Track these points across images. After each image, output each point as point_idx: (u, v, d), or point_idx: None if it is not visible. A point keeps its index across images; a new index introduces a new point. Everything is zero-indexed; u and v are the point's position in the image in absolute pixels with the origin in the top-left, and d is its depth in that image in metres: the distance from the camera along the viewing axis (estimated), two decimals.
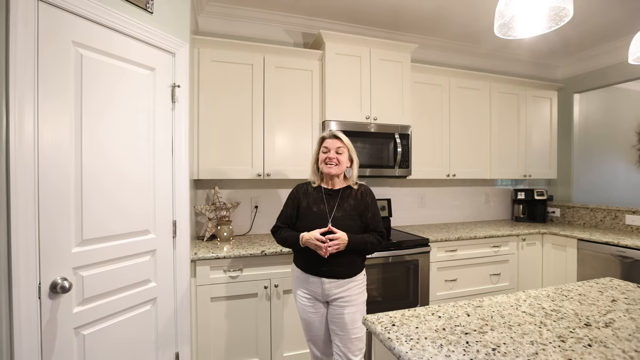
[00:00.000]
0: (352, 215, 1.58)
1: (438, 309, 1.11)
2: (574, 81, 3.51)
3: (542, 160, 3.31)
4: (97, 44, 1.39)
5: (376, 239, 1.59)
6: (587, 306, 1.12)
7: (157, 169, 1.66)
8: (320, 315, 1.60)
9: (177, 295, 1.77)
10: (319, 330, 1.62)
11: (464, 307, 1.11)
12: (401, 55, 2.62)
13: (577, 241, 2.61)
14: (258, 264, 2.05)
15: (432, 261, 2.46)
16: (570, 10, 0.83)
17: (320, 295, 1.57)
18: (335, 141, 1.61)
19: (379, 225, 1.62)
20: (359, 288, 1.59)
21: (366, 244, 1.55)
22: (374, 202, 1.64)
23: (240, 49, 2.27)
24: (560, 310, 1.09)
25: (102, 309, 1.42)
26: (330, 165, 1.59)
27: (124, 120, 1.51)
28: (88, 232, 1.36)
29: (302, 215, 1.64)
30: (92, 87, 1.37)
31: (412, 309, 1.09)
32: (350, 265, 1.56)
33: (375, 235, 1.60)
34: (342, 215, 1.58)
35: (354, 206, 1.60)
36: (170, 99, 1.73)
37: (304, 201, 1.65)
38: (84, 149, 1.34)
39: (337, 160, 1.60)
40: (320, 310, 1.60)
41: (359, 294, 1.58)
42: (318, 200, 1.63)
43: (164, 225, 1.71)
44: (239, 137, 2.29)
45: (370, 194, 1.65)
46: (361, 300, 1.59)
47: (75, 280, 1.32)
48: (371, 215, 1.61)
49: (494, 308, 1.11)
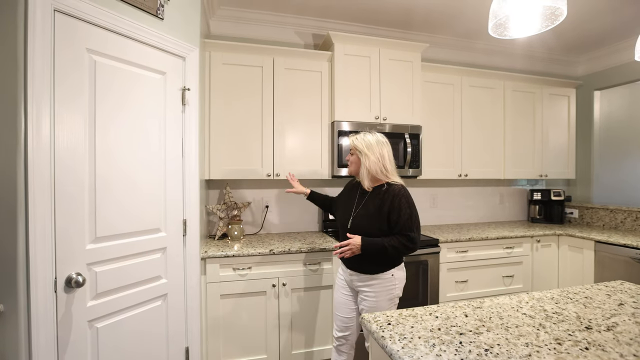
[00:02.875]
0: (373, 215, 1.58)
1: (436, 309, 1.11)
2: (594, 78, 3.39)
3: (560, 160, 3.21)
4: (110, 50, 1.45)
5: (399, 243, 1.51)
6: (591, 309, 1.10)
7: (168, 169, 1.73)
8: (348, 298, 1.73)
9: (187, 292, 1.83)
10: (341, 310, 1.75)
11: (462, 308, 1.11)
12: (411, 55, 2.60)
13: (595, 243, 2.52)
14: (267, 263, 2.09)
15: (442, 262, 2.43)
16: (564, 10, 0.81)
17: (348, 282, 1.71)
18: (350, 144, 1.72)
19: (405, 228, 1.52)
20: (383, 287, 1.59)
21: (385, 248, 1.51)
22: (403, 204, 1.54)
23: (250, 51, 2.32)
24: (562, 313, 1.07)
25: (115, 304, 1.49)
26: (350, 168, 1.75)
27: (136, 123, 1.57)
28: (101, 229, 1.43)
29: (336, 205, 1.93)
30: (105, 92, 1.44)
31: (410, 309, 1.10)
32: (372, 263, 1.60)
33: (400, 238, 1.52)
34: (362, 215, 1.63)
35: (378, 206, 1.57)
36: (180, 102, 1.79)
37: (344, 194, 1.87)
38: (97, 150, 1.41)
39: (350, 161, 1.73)
40: (349, 294, 1.73)
41: (383, 292, 1.59)
42: (352, 197, 1.76)
43: (175, 224, 1.77)
44: (249, 138, 2.34)
45: (400, 195, 1.55)
46: (384, 298, 1.60)
47: (89, 275, 1.39)
48: (396, 217, 1.53)
49: (494, 309, 1.10)
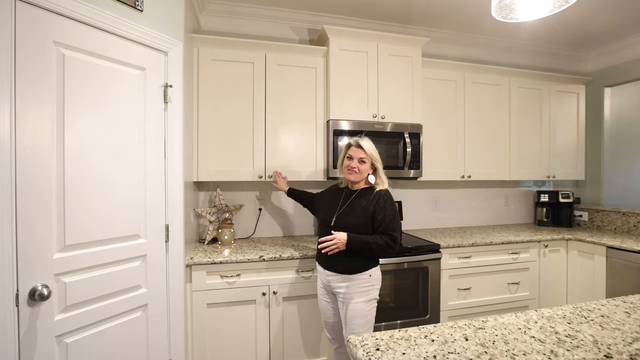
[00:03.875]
0: (359, 214, 1.61)
1: (433, 330, 0.98)
2: (604, 74, 3.23)
3: (568, 160, 3.06)
4: (82, 43, 1.35)
5: (384, 241, 1.56)
6: (609, 331, 0.97)
7: (148, 171, 1.62)
8: (330, 303, 1.72)
9: (170, 301, 1.72)
10: (328, 317, 1.74)
11: (463, 329, 0.98)
12: (411, 50, 2.47)
13: (606, 249, 2.38)
14: (256, 270, 1.98)
15: (443, 268, 2.30)
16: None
17: (327, 286, 1.69)
18: (360, 151, 1.65)
19: (389, 228, 1.58)
20: (360, 287, 1.59)
21: (369, 244, 1.55)
22: (388, 205, 1.60)
23: (240, 47, 2.21)
24: (576, 336, 0.94)
25: (88, 316, 1.39)
26: (351, 173, 1.67)
27: (112, 121, 1.46)
28: (71, 237, 1.32)
29: (319, 202, 1.94)
30: (76, 88, 1.33)
31: (404, 330, 0.97)
32: (350, 262, 1.60)
33: (384, 237, 1.57)
34: (346, 213, 1.63)
35: (365, 206, 1.62)
36: (162, 100, 1.68)
37: (326, 197, 1.86)
38: (67, 150, 1.30)
39: (359, 169, 1.66)
40: (328, 300, 1.72)
41: (360, 293, 1.59)
42: (336, 197, 1.76)
43: (156, 230, 1.66)
44: (240, 137, 2.22)
45: (385, 197, 1.62)
46: (362, 299, 1.59)
47: (57, 287, 1.29)
48: (381, 217, 1.58)
49: (498, 331, 0.97)
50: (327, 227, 1.68)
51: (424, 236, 2.58)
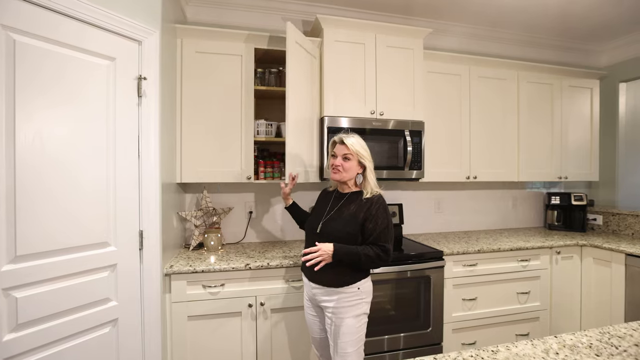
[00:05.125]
0: (347, 220, 1.45)
1: None
2: (620, 68, 3.03)
3: (581, 160, 2.87)
4: (37, 29, 1.20)
5: (374, 253, 1.39)
6: None
7: (118, 172, 1.47)
8: (316, 317, 1.56)
9: (145, 315, 1.57)
10: (315, 332, 1.58)
11: None
12: (412, 41, 2.30)
13: (625, 256, 2.18)
14: (242, 279, 1.82)
15: (446, 277, 2.12)
16: None
17: (312, 298, 1.53)
18: (343, 147, 1.49)
19: (381, 238, 1.41)
20: (349, 301, 1.42)
21: (359, 255, 1.38)
22: (381, 213, 1.43)
23: (227, 38, 2.05)
24: None
25: (45, 335, 1.24)
26: (335, 172, 1.51)
27: (75, 116, 1.32)
28: (23, 247, 1.17)
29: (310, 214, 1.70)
30: (31, 78, 1.19)
31: None
32: (337, 274, 1.43)
33: (374, 248, 1.40)
34: (333, 219, 1.48)
35: (354, 212, 1.45)
36: (135, 93, 1.53)
37: (318, 199, 1.69)
38: (17, 149, 1.15)
39: (343, 167, 1.49)
40: (314, 314, 1.56)
41: (349, 307, 1.42)
42: (325, 202, 1.60)
43: (128, 236, 1.51)
44: (227, 135, 2.07)
45: (377, 204, 1.44)
46: (350, 315, 1.42)
47: (7, 302, 1.14)
48: (372, 225, 1.41)
49: None
50: (312, 234, 1.51)
51: (426, 241, 2.41)
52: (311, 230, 1.54)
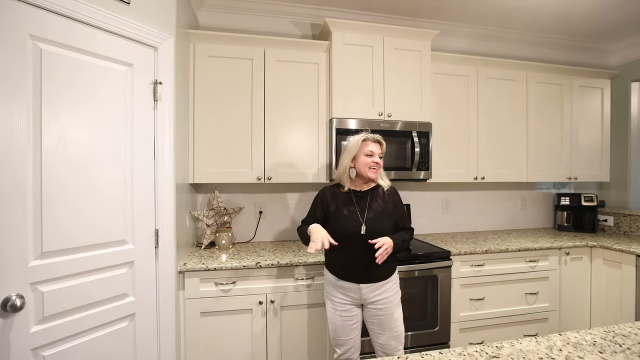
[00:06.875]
0: (382, 215, 1.58)
1: (438, 357, 0.85)
2: (632, 67, 3.00)
3: (592, 160, 2.85)
4: (62, 38, 1.26)
5: (408, 236, 1.64)
6: None
7: (135, 173, 1.53)
8: (354, 319, 1.59)
9: (160, 310, 1.63)
10: (349, 334, 1.59)
11: (472, 357, 0.85)
12: (420, 43, 2.33)
13: (636, 258, 2.17)
14: (253, 277, 1.87)
15: (454, 277, 2.14)
16: None
17: (358, 300, 1.58)
18: (379, 146, 1.61)
19: (406, 222, 1.67)
20: (394, 289, 1.60)
21: (404, 241, 1.60)
22: (399, 200, 1.66)
23: (238, 42, 2.11)
24: None
25: (68, 327, 1.30)
26: (375, 170, 1.58)
27: (96, 120, 1.38)
28: (50, 243, 1.24)
29: (332, 218, 1.60)
30: (56, 85, 1.25)
31: (404, 357, 0.84)
32: (387, 267, 1.57)
33: (408, 232, 1.65)
34: (374, 216, 1.57)
35: (383, 206, 1.60)
36: (151, 97, 1.59)
37: (333, 204, 1.62)
38: (44, 152, 1.22)
39: (379, 165, 1.60)
40: (354, 313, 1.59)
41: (395, 294, 1.60)
42: (347, 202, 1.61)
43: (144, 235, 1.57)
44: (238, 137, 2.12)
45: (395, 194, 1.67)
46: (397, 300, 1.60)
47: (34, 296, 1.20)
48: (399, 213, 1.63)
49: None
50: (354, 236, 1.51)
51: (433, 242, 2.43)
52: (352, 233, 1.52)
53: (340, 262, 1.57)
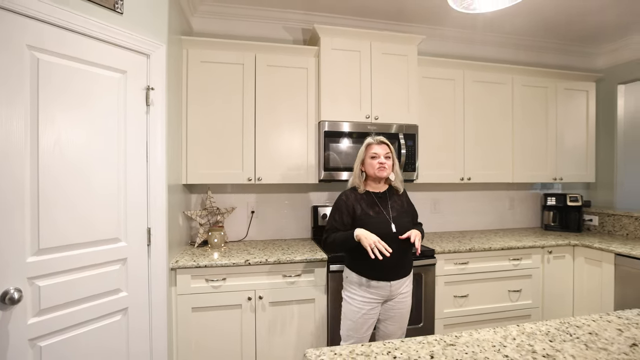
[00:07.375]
0: (404, 213, 1.71)
1: (399, 345, 0.92)
2: (618, 70, 3.07)
3: (577, 162, 2.91)
4: (58, 47, 1.34)
5: (422, 229, 1.79)
6: (594, 352, 0.88)
7: (128, 174, 1.61)
8: (375, 316, 1.65)
9: (153, 305, 1.71)
10: (367, 331, 1.64)
11: (431, 345, 0.92)
12: (406, 48, 2.40)
13: (615, 256, 2.24)
14: (242, 274, 1.94)
15: (438, 275, 2.22)
16: None
17: (386, 297, 1.63)
18: (383, 147, 1.68)
19: (417, 218, 1.84)
20: (411, 281, 1.72)
21: (423, 233, 1.75)
22: (409, 199, 1.81)
23: (230, 48, 2.19)
24: (555, 356, 0.86)
25: (63, 320, 1.38)
26: (382, 169, 1.65)
27: (91, 124, 1.46)
28: (46, 241, 1.32)
29: (361, 221, 1.62)
30: (52, 91, 1.33)
31: (367, 345, 0.92)
32: (411, 260, 1.70)
33: (420, 226, 1.81)
34: (398, 215, 1.68)
35: (401, 204, 1.72)
36: (144, 102, 1.67)
37: (358, 207, 1.66)
38: (41, 154, 1.30)
39: (387, 164, 1.67)
40: (377, 311, 1.65)
41: (411, 289, 1.72)
42: (372, 204, 1.68)
43: (137, 233, 1.65)
44: (229, 139, 2.20)
45: (405, 193, 1.80)
46: (411, 295, 1.72)
47: (31, 290, 1.28)
48: (412, 210, 1.79)
49: (469, 348, 0.90)
50: (385, 238, 1.53)
51: None
52: (384, 233, 1.57)
53: (373, 264, 1.54)
